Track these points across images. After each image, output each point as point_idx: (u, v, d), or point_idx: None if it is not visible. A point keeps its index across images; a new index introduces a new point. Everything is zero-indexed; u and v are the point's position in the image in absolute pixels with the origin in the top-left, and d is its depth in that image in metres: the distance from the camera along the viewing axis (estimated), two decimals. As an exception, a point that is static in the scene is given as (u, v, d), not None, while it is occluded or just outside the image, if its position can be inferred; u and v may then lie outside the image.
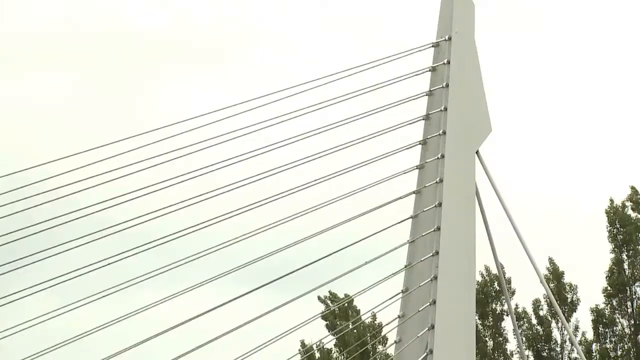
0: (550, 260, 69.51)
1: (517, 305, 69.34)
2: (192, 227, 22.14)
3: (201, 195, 22.05)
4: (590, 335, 69.96)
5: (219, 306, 21.62)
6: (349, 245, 22.67)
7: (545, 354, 68.73)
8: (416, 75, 23.39)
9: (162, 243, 21.81)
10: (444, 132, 22.84)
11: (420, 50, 23.54)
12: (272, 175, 22.57)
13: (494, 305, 67.63)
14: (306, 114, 22.73)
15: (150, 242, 21.19)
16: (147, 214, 21.88)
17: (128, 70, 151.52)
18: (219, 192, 22.15)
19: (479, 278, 64.93)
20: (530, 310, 68.09)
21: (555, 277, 68.57)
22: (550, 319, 66.77)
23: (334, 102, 22.51)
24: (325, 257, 22.36)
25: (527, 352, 70.19)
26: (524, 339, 70.67)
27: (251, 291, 22.15)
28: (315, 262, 22.37)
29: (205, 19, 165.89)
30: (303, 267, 22.30)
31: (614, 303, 66.15)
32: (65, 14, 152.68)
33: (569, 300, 68.97)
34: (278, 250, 22.26)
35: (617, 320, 66.35)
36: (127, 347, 20.39)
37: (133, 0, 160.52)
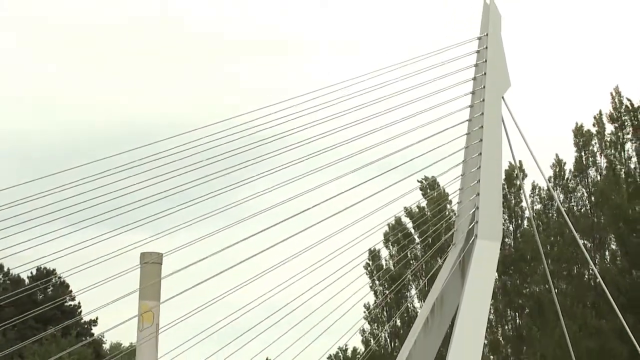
0: (556, 155, 69.12)
1: (533, 180, 69.37)
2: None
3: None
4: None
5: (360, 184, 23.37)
6: (431, 150, 24.24)
7: (549, 207, 68.69)
8: (472, 54, 24.94)
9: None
10: (484, 87, 24.44)
11: (475, 40, 25.00)
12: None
13: (516, 181, 67.07)
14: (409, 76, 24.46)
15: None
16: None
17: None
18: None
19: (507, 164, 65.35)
20: (543, 184, 67.73)
21: (559, 164, 68.44)
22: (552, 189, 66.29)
23: (424, 71, 24.10)
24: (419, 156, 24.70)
25: (539, 206, 71.44)
26: (537, 199, 71.20)
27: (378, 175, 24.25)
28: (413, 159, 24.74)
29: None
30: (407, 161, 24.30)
31: (578, 180, 66.47)
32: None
33: (566, 177, 69.33)
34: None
35: (579, 189, 66.72)
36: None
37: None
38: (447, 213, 28.16)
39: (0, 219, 19.70)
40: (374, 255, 62.12)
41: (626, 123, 66.11)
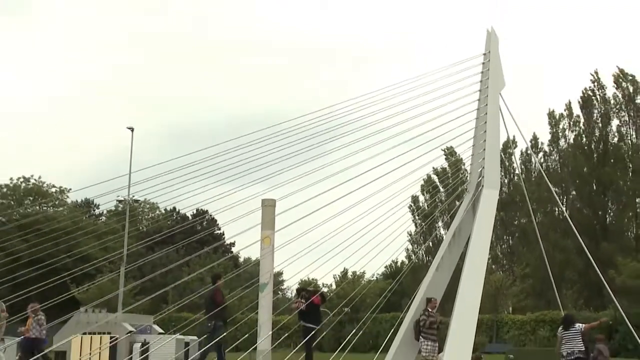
0: (534, 133, 69.09)
1: (522, 149, 68.44)
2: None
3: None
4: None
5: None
6: (452, 129, 23.72)
7: (530, 166, 68.49)
8: (482, 64, 24.65)
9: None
10: (487, 87, 24.18)
11: (481, 55, 24.77)
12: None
13: (509, 150, 66.08)
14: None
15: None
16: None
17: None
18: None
19: (504, 138, 63.34)
20: (525, 148, 67.15)
21: (534, 139, 68.13)
22: (532, 151, 65.95)
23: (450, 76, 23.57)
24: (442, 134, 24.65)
25: (522, 169, 70.22)
26: (523, 160, 70.50)
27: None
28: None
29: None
30: (437, 137, 23.87)
31: (551, 147, 66.59)
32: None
33: (543, 148, 69.10)
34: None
35: (553, 153, 66.45)
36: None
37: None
38: (462, 171, 27.97)
39: (173, 177, 20.43)
40: (414, 199, 62.44)
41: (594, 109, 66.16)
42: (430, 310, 22.22)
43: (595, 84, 66.01)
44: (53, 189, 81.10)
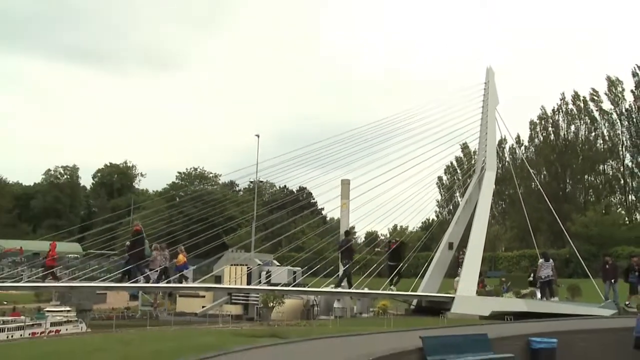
0: (517, 136, 66.22)
1: (510, 144, 65.68)
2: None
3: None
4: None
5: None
6: (466, 131, 22.97)
7: (515, 155, 66.03)
8: (483, 89, 23.28)
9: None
10: (487, 104, 22.86)
11: (482, 83, 23.41)
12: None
13: (503, 145, 62.92)
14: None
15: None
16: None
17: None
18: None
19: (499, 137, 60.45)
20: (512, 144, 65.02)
21: (518, 139, 65.68)
22: (516, 146, 63.26)
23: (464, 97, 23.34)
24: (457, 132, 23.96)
25: (510, 157, 66.96)
26: (511, 151, 67.48)
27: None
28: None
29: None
30: (456, 136, 23.18)
31: (530, 143, 63.32)
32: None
33: (524, 144, 66.28)
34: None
35: (531, 147, 63.37)
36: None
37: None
38: (472, 159, 27.00)
39: (284, 166, 20.67)
40: (440, 178, 60.84)
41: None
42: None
43: (562, 101, 65.83)
44: (211, 174, 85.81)
